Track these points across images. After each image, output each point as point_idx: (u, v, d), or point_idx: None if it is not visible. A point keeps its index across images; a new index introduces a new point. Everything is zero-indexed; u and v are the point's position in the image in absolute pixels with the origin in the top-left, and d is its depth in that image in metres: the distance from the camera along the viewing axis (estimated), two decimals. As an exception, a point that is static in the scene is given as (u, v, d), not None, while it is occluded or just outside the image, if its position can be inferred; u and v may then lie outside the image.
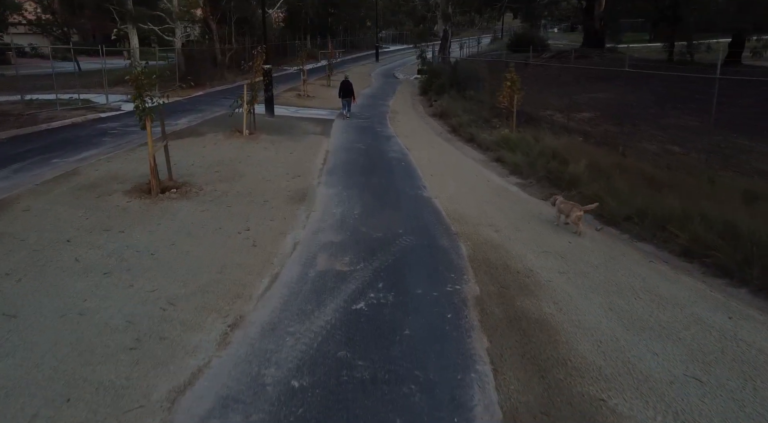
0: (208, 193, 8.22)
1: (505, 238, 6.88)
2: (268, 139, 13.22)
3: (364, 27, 58.75)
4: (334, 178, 9.82)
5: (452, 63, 27.22)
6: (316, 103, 21.07)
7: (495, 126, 16.09)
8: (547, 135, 13.32)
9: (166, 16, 24.34)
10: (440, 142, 14.61)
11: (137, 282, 5.11)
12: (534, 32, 33.75)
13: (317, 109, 19.83)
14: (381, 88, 28.34)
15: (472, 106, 19.22)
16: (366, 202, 8.22)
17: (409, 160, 11.77)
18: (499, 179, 10.45)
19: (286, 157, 11.34)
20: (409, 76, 34.85)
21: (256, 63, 13.30)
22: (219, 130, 13.75)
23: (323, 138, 14.08)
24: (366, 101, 22.79)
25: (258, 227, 6.82)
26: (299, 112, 18.87)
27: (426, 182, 9.76)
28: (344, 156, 11.85)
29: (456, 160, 12.31)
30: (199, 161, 10.35)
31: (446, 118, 18.34)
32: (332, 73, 26.74)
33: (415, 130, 16.51)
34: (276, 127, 15.23)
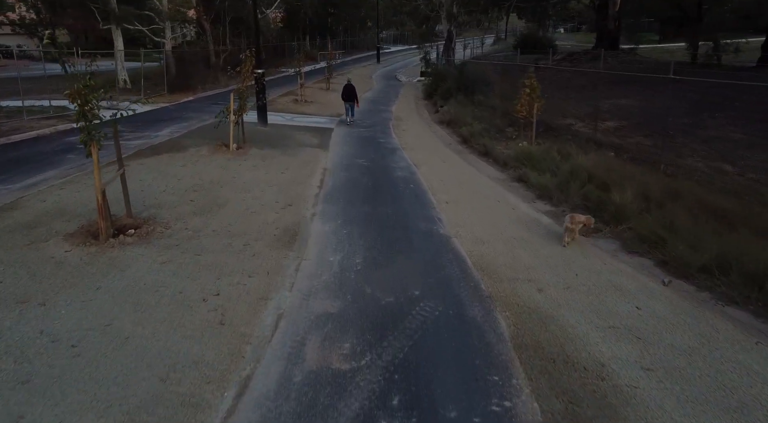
0: (176, 234, 6.55)
1: (553, 302, 5.22)
2: (258, 154, 11.54)
3: (364, 27, 56.98)
4: (331, 207, 8.15)
5: (458, 65, 25.54)
6: (314, 109, 19.39)
7: (510, 136, 14.42)
8: (573, 148, 11.66)
9: (155, 16, 22.64)
10: (450, 156, 12.93)
11: (29, 411, 3.43)
12: (543, 32, 32.04)
13: (315, 116, 18.15)
14: (383, 92, 26.65)
15: (482, 112, 17.55)
16: (370, 245, 6.56)
17: (418, 179, 10.10)
18: (526, 206, 8.78)
19: (277, 178, 9.67)
20: (411, 78, 33.16)
21: (245, 68, 11.64)
22: (204, 143, 12.07)
23: (321, 152, 12.41)
24: (368, 106, 21.11)
25: (231, 289, 5.16)
26: (295, 119, 17.19)
27: (441, 212, 8.09)
28: (344, 175, 10.19)
29: (471, 179, 10.64)
30: (174, 185, 8.68)
31: (455, 126, 16.67)
32: (331, 75, 25.05)
33: (421, 141, 14.83)
34: (269, 138, 13.56)
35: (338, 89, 23.03)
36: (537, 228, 7.62)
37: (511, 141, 13.89)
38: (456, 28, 29.59)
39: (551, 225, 7.81)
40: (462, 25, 29.91)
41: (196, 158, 10.78)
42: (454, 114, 17.49)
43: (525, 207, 8.75)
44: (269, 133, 14.27)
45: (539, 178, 9.69)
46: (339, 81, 26.02)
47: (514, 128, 15.09)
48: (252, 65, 11.82)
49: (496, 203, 8.88)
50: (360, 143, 13.81)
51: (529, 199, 9.28)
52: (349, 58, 47.03)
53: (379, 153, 12.60)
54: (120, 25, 19.81)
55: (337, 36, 48.67)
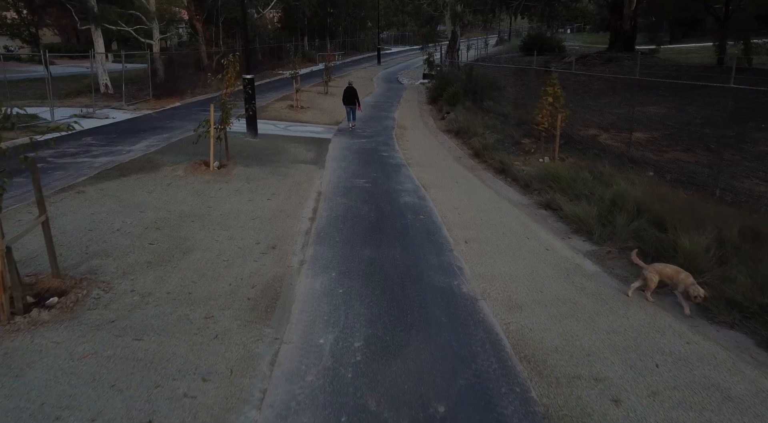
0: (116, 300, 4.90)
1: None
2: (243, 173, 9.89)
3: (364, 28, 55.27)
4: (325, 249, 6.50)
5: (464, 67, 23.88)
6: (311, 117, 17.72)
7: (528, 149, 12.76)
8: (605, 167, 10.02)
9: (142, 16, 20.96)
10: (462, 174, 11.27)
11: None
12: (552, 33, 30.38)
13: (311, 124, 16.48)
14: (384, 96, 24.99)
15: (493, 120, 15.90)
16: (374, 314, 4.91)
17: (429, 207, 8.45)
18: (561, 245, 7.12)
19: (261, 208, 8.02)
20: (413, 80, 31.50)
21: (228, 75, 9.99)
22: (181, 160, 10.42)
23: (315, 170, 10.75)
24: (369, 112, 19.45)
25: (171, 413, 3.50)
26: (290, 128, 15.53)
27: (460, 256, 6.44)
28: (341, 202, 8.53)
29: (490, 205, 8.99)
30: (133, 221, 7.02)
31: (464, 135, 15.01)
32: (330, 79, 23.38)
33: (428, 154, 13.18)
34: (257, 152, 11.90)
35: (337, 93, 21.39)
36: (583, 280, 5.96)
37: (529, 155, 12.24)
38: (460, 28, 27.94)
39: (598, 274, 6.16)
40: (467, 25, 28.26)
41: (169, 180, 9.11)
42: (462, 122, 15.83)
43: (560, 246, 7.09)
44: (259, 146, 12.61)
45: (573, 208, 8.02)
46: (338, 84, 24.40)
47: (531, 140, 13.44)
48: (236, 71, 10.16)
49: (524, 241, 7.23)
50: (360, 158, 12.15)
51: (562, 233, 7.63)
52: (349, 59, 45.35)
53: (382, 171, 10.94)
54: (99, 25, 18.13)
55: (337, 37, 46.97)
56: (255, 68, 29.77)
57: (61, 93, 17.60)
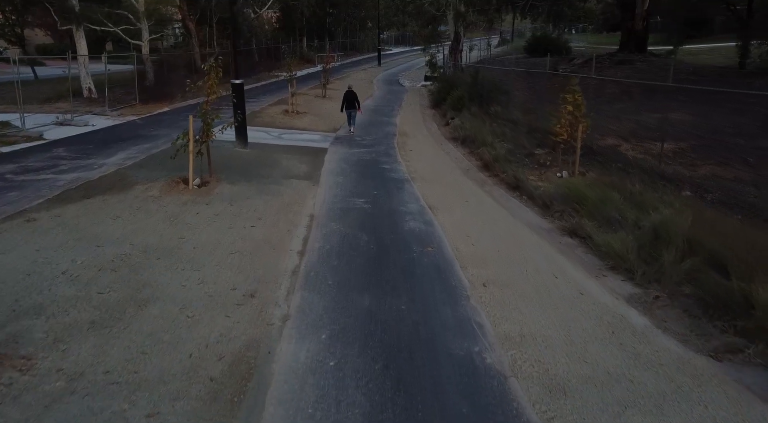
0: (30, 391, 3.66)
1: None
2: (226, 192, 8.66)
3: (365, 28, 53.97)
4: (315, 297, 5.28)
5: (467, 69, 22.67)
6: (307, 123, 16.49)
7: (543, 162, 11.53)
8: (633, 184, 8.80)
9: (131, 16, 19.72)
10: (473, 191, 10.05)
11: None
12: (559, 33, 29.17)
13: (307, 131, 15.25)
14: (385, 99, 23.76)
15: (502, 128, 14.66)
16: (374, 406, 3.69)
17: (438, 236, 7.23)
18: (596, 286, 5.90)
19: (244, 237, 6.80)
20: (415, 82, 30.26)
21: (209, 82, 8.77)
22: (160, 176, 9.20)
23: (309, 186, 9.54)
24: (368, 117, 18.23)
25: None
26: (284, 136, 14.30)
27: (479, 309, 5.22)
28: (336, 230, 7.31)
29: (507, 231, 7.76)
30: (86, 260, 5.80)
31: (471, 145, 13.78)
32: (328, 81, 22.14)
33: (434, 166, 11.96)
34: (246, 165, 10.68)
35: (336, 97, 20.19)
36: (633, 341, 4.73)
37: (545, 169, 11.01)
38: (464, 28, 26.70)
39: (650, 331, 4.94)
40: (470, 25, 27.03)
41: (140, 203, 7.89)
42: (469, 129, 14.60)
43: (596, 288, 5.87)
44: (248, 158, 11.39)
45: (607, 238, 6.80)
46: (337, 86, 23.20)
47: (545, 150, 12.21)
48: (219, 76, 8.93)
49: (552, 281, 6.01)
50: (359, 171, 10.93)
51: (595, 269, 6.41)
52: (349, 60, 44.10)
53: (383, 187, 9.72)
54: (81, 25, 16.88)
55: (336, 37, 45.70)
56: (251, 70, 28.59)
57: (40, 97, 16.38)
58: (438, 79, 24.24)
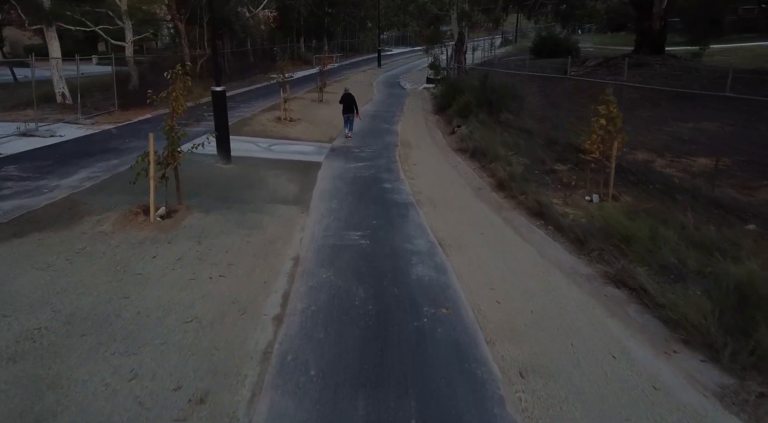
0: None
1: None
2: (196, 226, 7.09)
3: (364, 28, 52.28)
4: (288, 406, 3.71)
5: (474, 72, 21.09)
6: (300, 131, 14.90)
7: (567, 181, 9.96)
8: (684, 213, 7.25)
9: (111, 13, 18.10)
10: (488, 217, 8.46)
11: None
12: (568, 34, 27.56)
13: (300, 142, 13.66)
14: (385, 103, 22.16)
15: (514, 138, 13.09)
16: None
17: (454, 290, 5.66)
18: (673, 376, 4.32)
19: (207, 295, 5.23)
20: (416, 85, 28.66)
21: (174, 92, 7.20)
22: (119, 202, 7.64)
23: (297, 215, 7.97)
24: (368, 124, 16.67)
25: None
26: (273, 148, 12.72)
27: (519, 421, 3.68)
28: (325, 281, 5.74)
29: (538, 280, 6.17)
30: (-15, 339, 4.24)
31: (482, 158, 12.20)
32: (325, 85, 20.54)
33: (442, 185, 10.38)
34: (225, 186, 9.12)
35: (333, 101, 18.60)
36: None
37: (570, 190, 9.44)
38: (468, 28, 25.12)
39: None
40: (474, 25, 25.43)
41: (84, 243, 6.31)
42: (479, 140, 13.02)
43: (671, 377, 4.29)
44: (229, 176, 9.82)
45: (672, 297, 5.22)
46: (335, 89, 21.62)
47: (567, 166, 10.65)
48: (187, 86, 7.36)
49: (611, 365, 4.43)
50: (356, 191, 9.36)
51: (661, 340, 4.84)
52: (348, 61, 42.45)
53: (384, 215, 8.15)
54: (52, 24, 15.27)
55: (335, 38, 44.03)
56: (246, 72, 26.99)
57: (10, 103, 14.80)
58: (442, 83, 22.66)
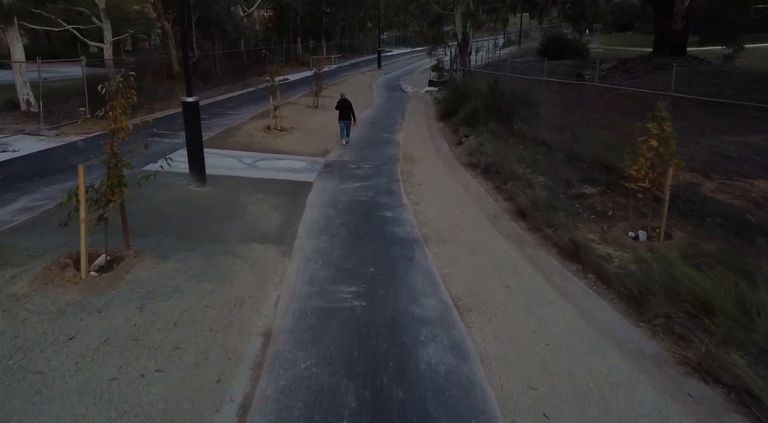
0: None
1: None
2: (143, 281, 5.44)
3: (364, 28, 50.48)
4: None
5: (476, 74, 19.41)
6: (292, 143, 13.23)
7: (603, 209, 8.28)
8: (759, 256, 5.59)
9: (91, 13, 16.42)
10: (513, 260, 6.78)
11: None
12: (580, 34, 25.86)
13: (290, 156, 11.97)
14: (385, 108, 20.47)
15: (531, 152, 11.43)
16: None
17: (482, 389, 4.00)
18: None
19: (123, 409, 3.57)
20: (418, 88, 26.97)
21: (113, 111, 5.55)
22: (52, 246, 5.99)
23: (276, 259, 6.32)
24: (366, 133, 15.02)
25: None
26: (259, 164, 11.05)
27: None
28: (303, 376, 4.07)
29: (592, 368, 4.51)
30: None
31: (495, 176, 10.54)
32: (321, 89, 18.86)
33: (451, 212, 8.70)
34: (193, 217, 7.46)
35: (329, 106, 16.96)
36: None
37: (606, 221, 7.77)
38: (473, 29, 23.43)
39: None
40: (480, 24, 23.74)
41: (-16, 314, 4.65)
42: (491, 154, 11.35)
43: None
44: (200, 205, 8.16)
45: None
46: (333, 93, 19.97)
47: (598, 189, 8.98)
48: (130, 102, 5.71)
49: None
50: (351, 224, 7.70)
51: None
52: (347, 62, 40.71)
53: (385, 258, 6.49)
54: (11, 23, 13.57)
55: (334, 38, 42.27)
56: (239, 75, 25.29)
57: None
58: (446, 87, 20.97)
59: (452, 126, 16.40)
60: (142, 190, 6.19)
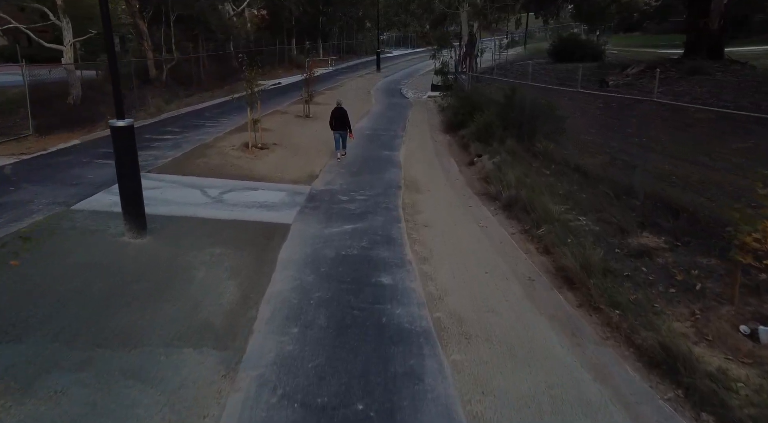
0: None
1: None
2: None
3: (363, 28, 47.99)
4: None
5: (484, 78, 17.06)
6: (272, 165, 10.88)
7: (678, 273, 5.92)
8: None
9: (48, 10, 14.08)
10: (578, 380, 4.44)
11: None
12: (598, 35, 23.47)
13: (266, 185, 9.59)
14: (385, 118, 18.10)
15: (563, 180, 9.09)
16: None
17: None
18: None
19: None
20: (420, 93, 24.60)
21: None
22: None
23: (208, 384, 3.96)
24: (363, 149, 12.71)
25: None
26: (225, 198, 8.68)
27: None
28: None
29: None
30: None
31: (522, 214, 8.16)
32: (312, 97, 16.49)
33: (473, 275, 6.34)
34: (102, 299, 5.11)
35: (322, 115, 14.63)
36: None
37: (694, 297, 5.41)
38: (480, 29, 21.07)
39: None
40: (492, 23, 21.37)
41: None
42: (514, 184, 8.97)
43: None
44: (125, 269, 5.81)
45: None
46: (327, 99, 17.68)
47: (662, 238, 6.63)
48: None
49: None
50: (334, 304, 5.35)
51: None
52: (344, 64, 38.28)
53: (380, 378, 4.15)
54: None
55: (331, 38, 39.82)
56: (225, 80, 22.89)
57: None
58: (451, 93, 18.60)
59: (460, 140, 14.06)
60: (56, 243, 3.87)
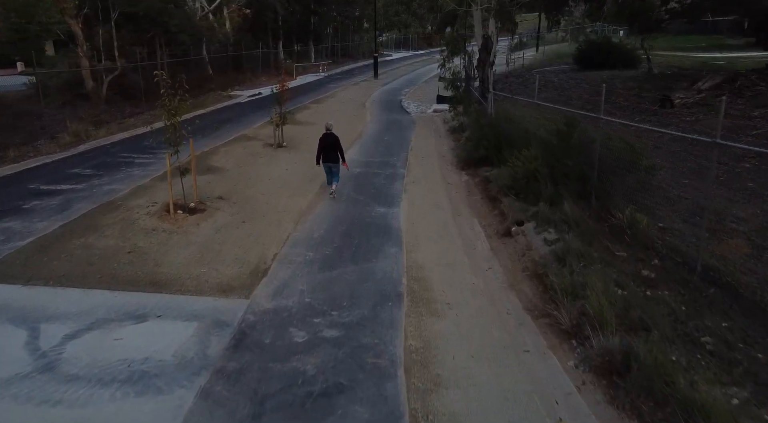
0: None
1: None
2: None
3: (361, 29, 43.76)
4: None
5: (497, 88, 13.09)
6: (196, 251, 6.81)
7: None
8: None
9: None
10: None
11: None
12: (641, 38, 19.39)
13: (167, 305, 5.49)
14: (381, 145, 14.01)
15: (675, 290, 5.04)
16: None
17: None
18: None
19: None
20: (424, 106, 20.55)
21: None
22: None
23: None
24: (346, 205, 8.69)
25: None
26: (64, 355, 4.61)
27: None
28: None
29: None
30: None
31: (620, 368, 4.13)
32: (284, 121, 12.43)
33: None
34: None
35: (301, 140, 10.73)
36: None
37: None
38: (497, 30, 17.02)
39: None
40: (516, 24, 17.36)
41: None
42: (613, 318, 4.92)
43: None
44: None
45: None
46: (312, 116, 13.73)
47: None
48: None
49: None
50: None
51: None
52: (338, 69, 34.11)
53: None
54: None
55: (324, 41, 35.70)
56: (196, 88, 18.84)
57: None
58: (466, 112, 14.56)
59: (483, 186, 10.02)
60: None
